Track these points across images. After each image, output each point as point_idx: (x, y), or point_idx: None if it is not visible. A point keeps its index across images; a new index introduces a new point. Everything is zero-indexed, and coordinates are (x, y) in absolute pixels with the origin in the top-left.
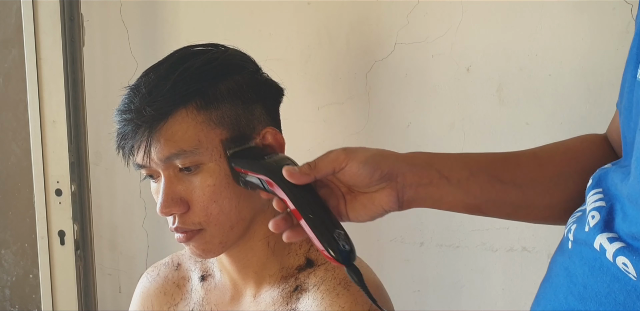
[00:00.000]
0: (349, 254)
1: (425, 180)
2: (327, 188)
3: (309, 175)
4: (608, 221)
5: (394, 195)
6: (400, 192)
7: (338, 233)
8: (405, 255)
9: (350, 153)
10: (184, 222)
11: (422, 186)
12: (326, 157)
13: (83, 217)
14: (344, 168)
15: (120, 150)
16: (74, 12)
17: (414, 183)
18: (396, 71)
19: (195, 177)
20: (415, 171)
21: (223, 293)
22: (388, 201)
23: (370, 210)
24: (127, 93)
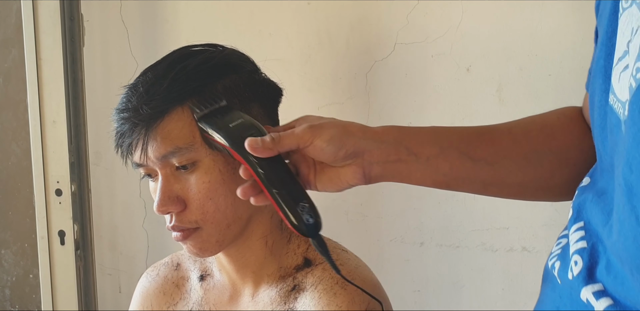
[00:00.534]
0: (314, 226)
1: (393, 157)
2: (298, 155)
3: (271, 149)
4: (591, 268)
5: (359, 172)
6: (367, 168)
7: (302, 207)
8: (405, 255)
9: (315, 131)
10: (181, 221)
11: (390, 163)
12: (291, 132)
13: (83, 217)
14: (308, 146)
15: (118, 149)
16: (74, 12)
17: (381, 160)
18: (396, 71)
19: (192, 175)
20: (383, 148)
21: (222, 292)
22: (353, 177)
23: (336, 183)
24: (125, 92)
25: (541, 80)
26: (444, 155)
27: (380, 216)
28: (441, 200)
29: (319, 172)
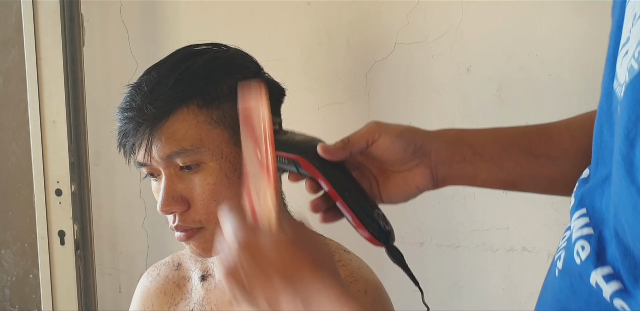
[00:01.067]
0: (389, 234)
1: (458, 157)
2: (358, 170)
3: (344, 149)
4: (599, 252)
5: (427, 173)
6: (434, 169)
7: (377, 213)
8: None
9: (383, 126)
10: (185, 220)
11: (456, 163)
12: (359, 131)
13: (83, 217)
14: (377, 140)
15: (121, 148)
16: (74, 12)
17: (447, 160)
18: (396, 71)
19: (196, 176)
20: (448, 147)
21: (223, 293)
22: (422, 179)
23: (404, 190)
24: (129, 91)
25: (541, 80)
26: (506, 153)
27: None
28: (441, 200)
29: (383, 183)
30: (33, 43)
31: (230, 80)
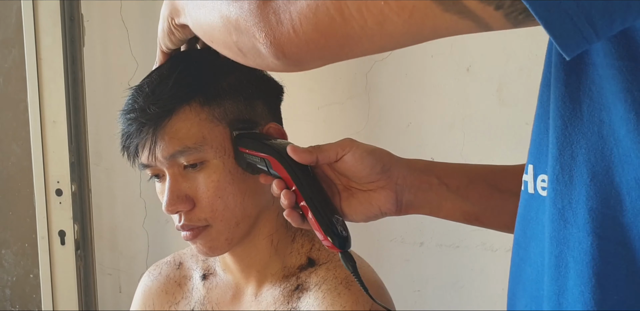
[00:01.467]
0: (345, 240)
1: (425, 185)
2: (325, 183)
3: (312, 153)
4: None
5: (392, 196)
6: (400, 194)
7: (337, 219)
8: (405, 255)
9: (355, 142)
10: (190, 219)
11: (422, 191)
12: (331, 143)
13: (83, 217)
14: (347, 154)
15: (125, 151)
16: (74, 12)
17: (413, 187)
18: (396, 71)
19: (200, 174)
20: (415, 175)
21: (224, 291)
22: (386, 202)
23: (366, 209)
24: (131, 94)
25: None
26: (472, 186)
27: None
28: None
29: (346, 198)
30: (33, 43)
31: (230, 77)
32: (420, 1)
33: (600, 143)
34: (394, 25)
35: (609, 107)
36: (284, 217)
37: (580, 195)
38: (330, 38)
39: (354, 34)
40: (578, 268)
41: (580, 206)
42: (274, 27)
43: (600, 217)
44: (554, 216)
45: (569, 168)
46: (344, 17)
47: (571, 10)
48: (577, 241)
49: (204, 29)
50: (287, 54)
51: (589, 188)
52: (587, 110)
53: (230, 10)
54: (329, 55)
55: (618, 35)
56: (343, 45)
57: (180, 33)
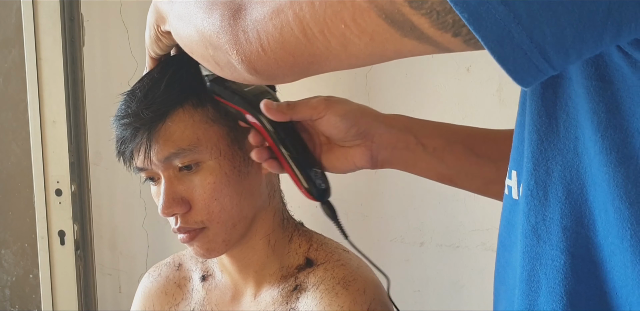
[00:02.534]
0: (325, 192)
1: (401, 144)
2: (307, 133)
3: (285, 114)
4: None
5: (367, 154)
6: (375, 151)
7: (315, 172)
8: (405, 255)
9: (330, 104)
10: (187, 222)
11: (398, 149)
12: (307, 101)
13: (83, 217)
14: (322, 118)
15: (120, 156)
16: (74, 12)
17: (389, 146)
18: (396, 71)
19: (195, 176)
20: (393, 133)
21: (224, 293)
22: (361, 159)
23: (343, 164)
24: (124, 99)
25: None
26: (450, 148)
27: (380, 216)
28: (441, 200)
29: (327, 151)
30: (33, 43)
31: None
32: (380, 26)
33: (576, 160)
34: (357, 47)
35: (583, 125)
36: (281, 217)
37: (554, 213)
38: (297, 57)
39: (320, 53)
40: (550, 286)
41: (554, 224)
42: (243, 46)
43: (574, 235)
44: (527, 231)
45: (544, 185)
46: (308, 38)
47: (525, 46)
48: (549, 258)
49: (183, 41)
50: (259, 71)
51: (564, 206)
52: (563, 125)
53: (205, 26)
54: (299, 71)
55: None
56: (312, 63)
57: (167, 39)
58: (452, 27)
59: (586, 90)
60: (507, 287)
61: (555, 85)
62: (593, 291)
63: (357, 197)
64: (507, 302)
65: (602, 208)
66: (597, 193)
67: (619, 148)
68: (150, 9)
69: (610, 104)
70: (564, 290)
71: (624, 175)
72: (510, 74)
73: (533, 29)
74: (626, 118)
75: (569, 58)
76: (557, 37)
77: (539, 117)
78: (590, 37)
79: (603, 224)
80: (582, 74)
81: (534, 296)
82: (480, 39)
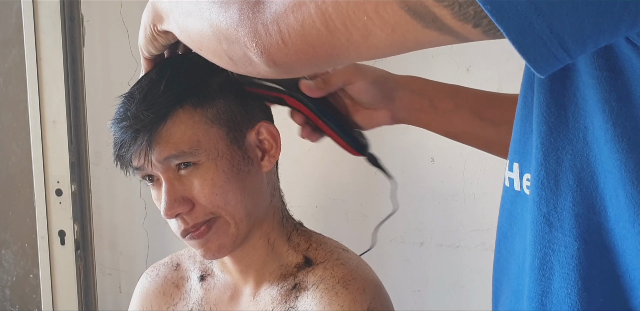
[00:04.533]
0: (365, 146)
1: (417, 106)
2: (333, 98)
3: (323, 89)
4: None
5: (389, 115)
6: (395, 112)
7: (356, 133)
8: (405, 255)
9: (360, 70)
10: (196, 217)
11: (414, 110)
12: (337, 72)
13: (83, 217)
14: (353, 84)
15: (118, 161)
16: (74, 12)
17: (407, 107)
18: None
19: (194, 175)
20: (410, 96)
21: (222, 292)
22: (383, 119)
23: (367, 123)
24: (122, 102)
25: None
26: (457, 111)
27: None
28: (441, 200)
29: (353, 112)
30: (33, 43)
31: (219, 77)
32: (402, 18)
33: (586, 149)
34: (378, 38)
35: (592, 114)
36: (280, 216)
37: (566, 201)
38: (318, 49)
39: (341, 45)
40: (564, 272)
41: (567, 211)
42: (263, 38)
43: (587, 222)
44: (538, 220)
45: (554, 174)
46: (329, 30)
47: (545, 36)
48: (562, 245)
49: (192, 37)
50: (278, 63)
51: (575, 194)
52: (572, 116)
53: (221, 20)
54: (318, 63)
55: None
56: (331, 55)
57: (164, 39)
58: (473, 18)
59: (597, 81)
60: (509, 277)
61: (563, 78)
62: (607, 274)
63: (357, 197)
64: (511, 292)
65: (614, 194)
66: (607, 180)
67: (630, 135)
68: (147, 8)
69: (622, 93)
70: (579, 275)
71: (636, 161)
72: (530, 63)
73: (553, 20)
74: (637, 106)
75: (586, 47)
76: (576, 28)
77: (547, 109)
78: (607, 28)
79: (614, 210)
80: (592, 65)
81: (547, 282)
82: (503, 29)
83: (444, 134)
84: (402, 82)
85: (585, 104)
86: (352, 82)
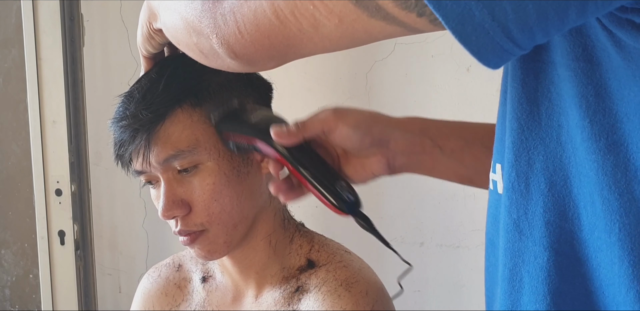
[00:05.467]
0: (354, 204)
1: (418, 148)
2: (322, 148)
3: (296, 136)
4: None
5: (384, 162)
6: (392, 158)
7: (340, 185)
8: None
9: (340, 116)
10: (187, 224)
11: (415, 154)
12: (316, 117)
13: (83, 217)
14: (334, 131)
15: (118, 160)
16: (74, 12)
17: (406, 151)
18: (396, 71)
19: (194, 178)
20: (408, 138)
21: (224, 294)
22: (378, 167)
23: (361, 174)
24: (121, 101)
25: None
26: (468, 148)
27: (380, 216)
28: (441, 200)
29: (345, 163)
30: (33, 43)
31: (218, 76)
32: (346, 7)
33: (559, 150)
34: (328, 29)
35: (567, 111)
36: (281, 217)
37: (536, 206)
38: (273, 39)
39: (294, 35)
40: (533, 284)
41: (537, 218)
42: (222, 29)
43: (558, 230)
44: (509, 226)
45: (525, 176)
46: (280, 19)
47: (487, 24)
48: (532, 255)
49: (170, 32)
50: (238, 54)
51: (547, 199)
52: (545, 113)
53: (188, 12)
54: (278, 55)
55: (574, 34)
56: (288, 46)
57: (160, 37)
58: (415, 7)
59: (573, 73)
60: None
61: (536, 70)
62: (578, 290)
63: None
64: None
65: (589, 200)
66: (582, 184)
67: (608, 134)
68: (143, 6)
69: (599, 87)
70: (547, 289)
71: (613, 162)
72: (474, 55)
73: (494, 6)
74: (615, 101)
75: (535, 36)
76: (519, 14)
77: (519, 105)
78: (554, 14)
79: (589, 218)
80: (568, 56)
81: (517, 295)
82: (441, 18)
83: (456, 179)
84: (395, 123)
85: (560, 100)
86: (331, 128)
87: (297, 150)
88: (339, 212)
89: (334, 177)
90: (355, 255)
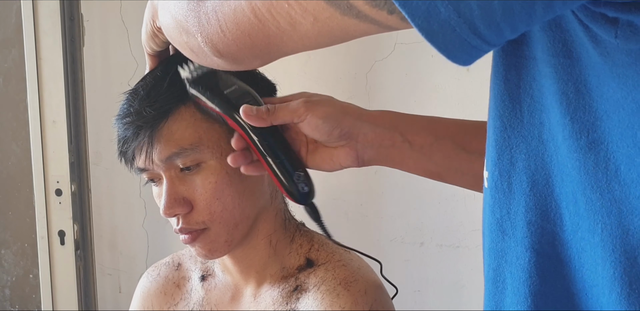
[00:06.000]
0: (307, 195)
1: (387, 142)
2: (291, 133)
3: (265, 120)
4: None
5: (353, 154)
6: (361, 151)
7: (298, 176)
8: (405, 255)
9: (311, 106)
10: (188, 222)
11: (383, 147)
12: (287, 105)
13: (83, 217)
14: (303, 121)
15: (122, 157)
16: (74, 12)
17: (375, 144)
18: (396, 71)
19: (197, 176)
20: (377, 132)
21: (223, 293)
22: (346, 159)
23: (328, 164)
24: (126, 98)
25: None
26: (438, 145)
27: (380, 216)
28: (441, 200)
29: (312, 151)
30: (33, 43)
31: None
32: (319, 5)
33: (541, 148)
34: (305, 27)
35: (549, 108)
36: (282, 217)
37: (519, 206)
38: (254, 38)
39: (274, 34)
40: (515, 286)
41: (519, 218)
42: (206, 27)
43: (540, 231)
44: (492, 226)
45: (508, 175)
46: (258, 18)
47: (453, 21)
48: (514, 255)
49: (165, 31)
50: (222, 53)
51: (528, 198)
52: (527, 110)
53: (177, 11)
54: (261, 53)
55: (554, 28)
56: (270, 44)
57: (162, 35)
58: (385, 5)
59: (554, 69)
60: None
61: (518, 67)
62: (560, 291)
63: (357, 197)
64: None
65: (571, 200)
66: (564, 183)
67: (589, 131)
68: (147, 4)
69: (579, 84)
70: (529, 290)
71: (594, 161)
72: (442, 52)
73: (459, 3)
74: (595, 98)
75: (503, 32)
76: (485, 10)
77: (501, 102)
78: (520, 9)
79: (572, 218)
80: (549, 51)
81: (500, 296)
82: (407, 15)
83: (425, 174)
84: (366, 117)
85: (542, 97)
86: (301, 120)
87: (264, 131)
88: (290, 199)
89: (294, 165)
90: (354, 255)
